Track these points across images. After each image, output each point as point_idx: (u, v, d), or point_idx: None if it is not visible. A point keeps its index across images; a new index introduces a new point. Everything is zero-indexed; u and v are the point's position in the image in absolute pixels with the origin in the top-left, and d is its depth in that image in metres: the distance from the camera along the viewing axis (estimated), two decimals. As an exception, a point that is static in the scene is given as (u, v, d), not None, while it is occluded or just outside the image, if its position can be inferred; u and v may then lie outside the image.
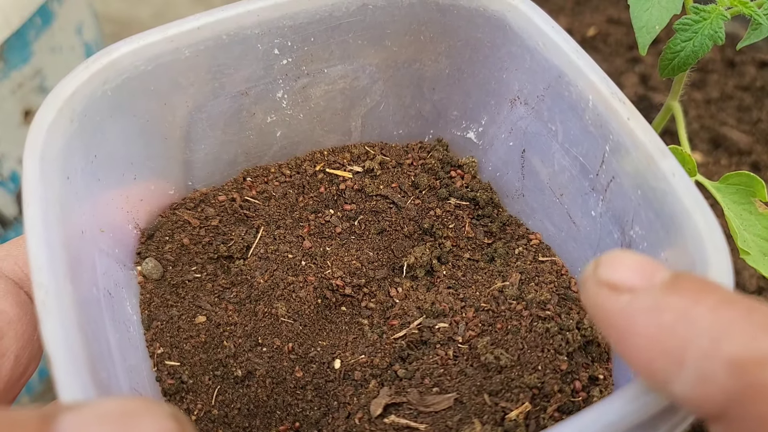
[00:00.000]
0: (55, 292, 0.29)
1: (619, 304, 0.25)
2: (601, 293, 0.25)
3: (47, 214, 0.31)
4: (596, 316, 0.26)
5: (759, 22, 0.43)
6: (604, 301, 0.25)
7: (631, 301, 0.24)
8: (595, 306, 0.25)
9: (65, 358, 0.27)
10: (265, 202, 0.45)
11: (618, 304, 0.25)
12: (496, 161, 0.46)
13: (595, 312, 0.26)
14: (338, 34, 0.43)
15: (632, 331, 0.24)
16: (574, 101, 0.38)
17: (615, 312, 0.25)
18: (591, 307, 0.26)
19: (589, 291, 0.26)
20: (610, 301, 0.25)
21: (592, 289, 0.25)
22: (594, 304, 0.25)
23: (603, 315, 0.25)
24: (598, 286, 0.25)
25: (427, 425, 0.35)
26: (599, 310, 0.25)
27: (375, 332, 0.41)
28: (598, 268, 0.26)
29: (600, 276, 0.25)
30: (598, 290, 0.25)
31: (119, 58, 0.37)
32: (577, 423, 0.26)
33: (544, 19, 0.39)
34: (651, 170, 0.33)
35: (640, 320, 0.24)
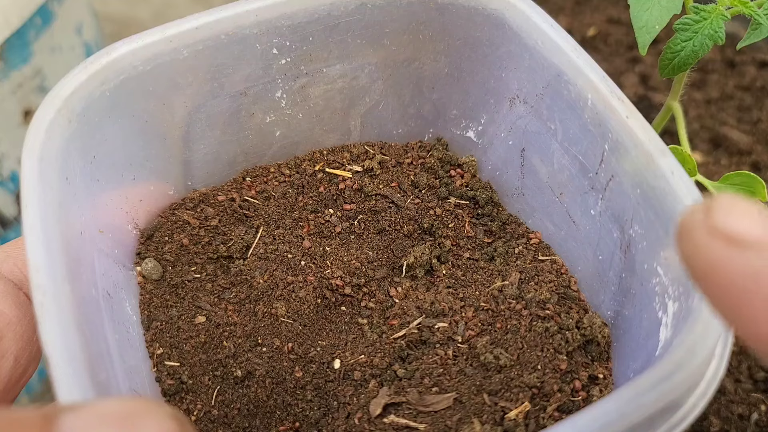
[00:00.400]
0: (53, 294, 0.29)
1: (742, 262, 0.20)
2: (715, 246, 0.21)
3: (46, 215, 0.31)
4: (704, 274, 0.21)
5: (759, 22, 0.43)
6: (719, 257, 0.20)
7: (757, 260, 0.20)
8: (706, 261, 0.21)
9: (64, 360, 0.27)
10: (264, 201, 0.45)
11: (740, 262, 0.20)
12: (496, 160, 0.46)
13: (704, 268, 0.21)
14: (337, 33, 0.43)
15: (759, 298, 0.20)
16: (573, 100, 0.38)
17: (735, 271, 0.20)
18: (698, 261, 0.21)
19: (697, 241, 0.21)
20: (728, 257, 0.20)
21: (703, 239, 0.21)
22: (703, 258, 0.21)
23: (716, 273, 0.21)
24: (712, 236, 0.21)
25: (427, 425, 0.35)
26: (711, 266, 0.21)
27: (375, 332, 0.41)
28: (712, 213, 0.21)
29: (715, 224, 0.21)
30: (712, 242, 0.21)
31: (118, 59, 0.37)
32: (577, 422, 0.26)
33: (542, 17, 0.39)
34: (650, 169, 0.33)
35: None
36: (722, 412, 0.50)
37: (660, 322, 0.33)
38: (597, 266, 0.40)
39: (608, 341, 0.38)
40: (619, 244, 0.37)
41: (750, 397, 0.51)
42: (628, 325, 0.37)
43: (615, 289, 0.38)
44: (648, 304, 0.34)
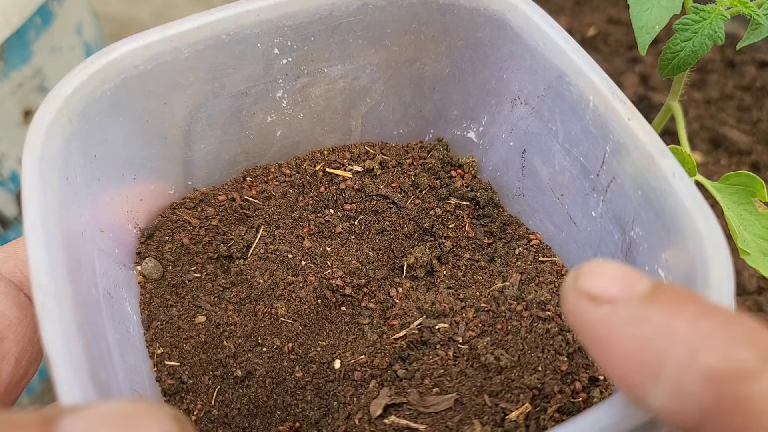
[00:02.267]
0: (54, 294, 0.28)
1: (598, 315, 0.24)
2: (580, 303, 0.25)
3: (46, 214, 0.31)
4: (576, 327, 0.25)
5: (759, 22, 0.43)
6: (583, 312, 0.24)
7: (610, 313, 0.24)
8: (575, 316, 0.25)
9: (65, 360, 0.27)
10: (265, 201, 0.45)
11: (597, 315, 0.24)
12: (497, 161, 0.46)
13: (575, 323, 0.25)
14: (338, 33, 0.43)
15: (611, 343, 0.24)
16: (574, 101, 0.38)
17: (594, 323, 0.24)
18: (571, 317, 0.25)
19: (569, 301, 0.25)
20: (589, 311, 0.24)
21: (572, 299, 0.25)
22: (574, 314, 0.25)
23: (582, 326, 0.25)
24: (578, 296, 0.25)
25: (427, 426, 0.35)
26: (578, 320, 0.25)
27: (375, 332, 0.41)
28: (578, 278, 0.25)
29: (580, 286, 0.25)
30: (578, 300, 0.25)
31: (118, 58, 0.37)
32: (577, 424, 0.26)
33: (544, 18, 0.39)
34: (651, 171, 0.33)
35: (618, 332, 0.23)
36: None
37: (661, 324, 0.33)
38: (598, 267, 0.40)
39: (609, 342, 0.38)
40: (620, 245, 0.37)
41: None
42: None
43: (615, 290, 0.38)
44: (649, 306, 0.34)
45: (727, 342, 0.22)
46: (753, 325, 0.23)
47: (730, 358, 0.22)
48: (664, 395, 0.22)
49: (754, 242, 0.43)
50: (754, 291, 0.65)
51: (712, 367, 0.22)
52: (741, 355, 0.22)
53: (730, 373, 0.21)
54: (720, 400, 0.22)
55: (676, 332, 0.22)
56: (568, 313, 0.25)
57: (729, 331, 0.22)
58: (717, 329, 0.22)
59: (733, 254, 0.30)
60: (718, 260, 0.28)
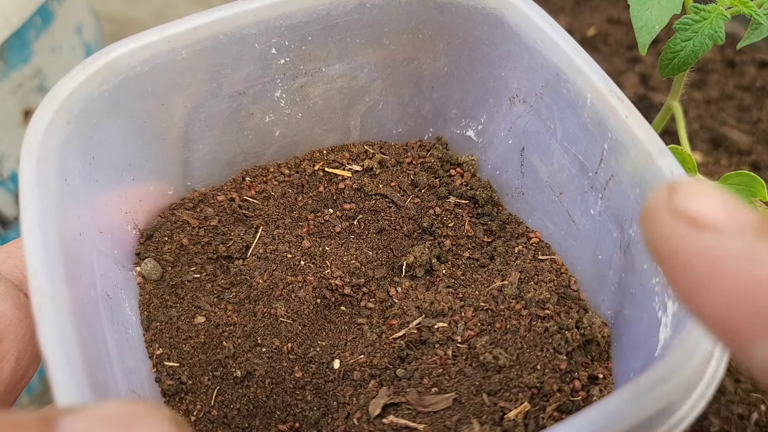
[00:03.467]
0: (51, 296, 0.28)
1: (703, 244, 0.20)
2: (677, 227, 0.21)
3: (44, 216, 0.31)
4: (666, 256, 0.21)
5: (759, 22, 0.43)
6: (681, 238, 0.20)
7: (718, 242, 0.20)
8: (668, 242, 0.21)
9: (62, 362, 0.27)
10: (264, 201, 0.45)
11: (701, 244, 0.20)
12: (496, 159, 0.46)
13: (666, 250, 0.21)
14: (336, 33, 0.43)
15: (717, 280, 0.20)
16: (572, 99, 0.38)
17: (695, 253, 0.20)
18: (661, 242, 0.21)
19: (660, 222, 0.21)
20: (689, 238, 0.20)
21: (665, 221, 0.21)
22: (666, 239, 0.21)
23: (677, 255, 0.21)
24: (674, 218, 0.21)
25: (426, 425, 0.35)
26: (673, 247, 0.21)
27: (374, 332, 0.41)
28: (675, 196, 0.21)
29: (678, 206, 0.21)
30: (674, 223, 0.21)
31: (116, 59, 0.37)
32: (577, 423, 0.26)
33: (542, 16, 0.39)
34: (649, 168, 0.33)
35: (728, 267, 0.20)
36: (722, 412, 0.50)
37: (660, 322, 0.33)
38: (597, 266, 0.40)
39: (608, 341, 0.38)
40: (618, 243, 0.37)
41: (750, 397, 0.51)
42: (628, 324, 0.37)
43: (615, 289, 0.38)
44: (648, 304, 0.34)
45: None
46: None
47: None
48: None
49: (753, 241, 0.43)
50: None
51: None
52: None
53: None
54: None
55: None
56: (655, 237, 0.21)
57: None
58: None
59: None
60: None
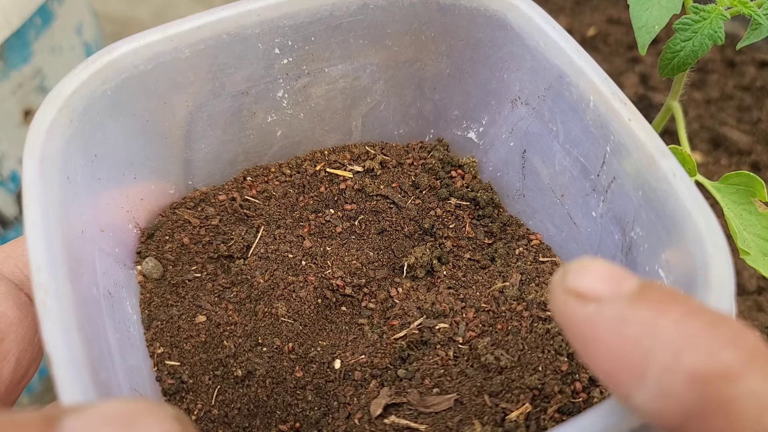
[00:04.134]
0: (54, 293, 0.28)
1: (585, 313, 0.24)
2: (568, 301, 0.24)
3: (47, 214, 0.31)
4: (562, 325, 0.25)
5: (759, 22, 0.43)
6: (570, 310, 0.24)
7: (596, 311, 0.24)
8: (562, 314, 0.25)
9: (65, 359, 0.27)
10: (265, 201, 0.45)
11: (583, 313, 0.24)
12: (497, 161, 0.46)
13: (562, 320, 0.25)
14: (339, 33, 0.43)
15: (596, 342, 0.23)
16: (575, 101, 0.38)
17: (580, 321, 0.24)
18: (558, 314, 0.25)
19: (556, 299, 0.25)
20: (576, 309, 0.24)
21: (560, 296, 0.25)
22: (561, 312, 0.25)
23: (569, 323, 0.25)
24: (566, 293, 0.25)
25: (427, 426, 0.35)
26: (565, 318, 0.25)
27: (375, 332, 0.41)
28: (566, 275, 0.25)
29: (567, 284, 0.25)
30: (566, 298, 0.24)
31: (119, 58, 0.37)
32: (577, 425, 0.26)
33: (544, 19, 0.39)
34: (652, 171, 0.33)
35: (604, 330, 0.23)
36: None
37: (661, 324, 0.33)
38: (598, 267, 0.40)
39: (609, 342, 0.38)
40: (620, 246, 0.37)
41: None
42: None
43: (616, 291, 0.38)
44: (649, 306, 0.34)
45: (711, 343, 0.22)
46: (738, 326, 0.23)
47: (714, 359, 0.22)
48: (649, 396, 0.22)
49: (754, 242, 0.43)
50: (754, 291, 0.65)
51: (696, 368, 0.22)
52: (725, 356, 0.22)
53: (714, 374, 0.21)
54: (703, 402, 0.21)
55: (662, 332, 0.22)
56: (555, 310, 0.25)
57: (714, 332, 0.22)
58: (702, 330, 0.22)
59: (733, 254, 0.30)
60: (718, 260, 0.28)
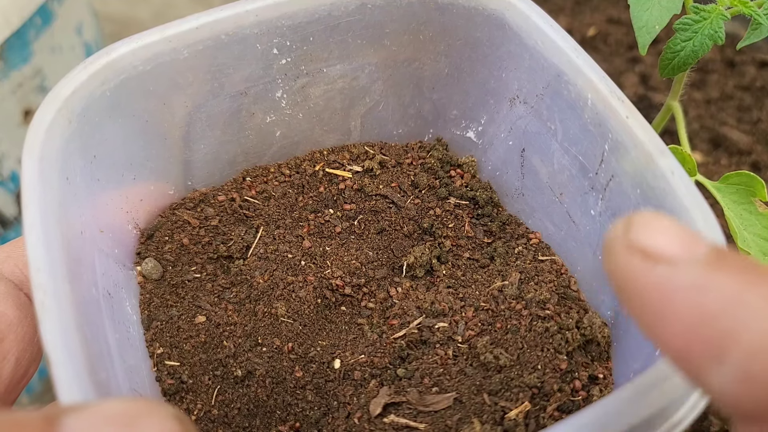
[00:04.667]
0: (54, 293, 0.28)
1: (656, 276, 0.21)
2: (632, 261, 0.21)
3: (46, 214, 0.31)
4: (624, 288, 0.22)
5: (759, 22, 0.43)
6: (636, 271, 0.21)
7: (670, 274, 0.21)
8: (624, 275, 0.22)
9: (64, 359, 0.27)
10: (264, 201, 0.45)
11: (654, 276, 0.21)
12: (496, 160, 0.46)
13: (623, 283, 0.22)
14: (337, 33, 0.43)
15: (669, 311, 0.20)
16: (573, 100, 0.38)
17: (649, 285, 0.21)
18: (618, 275, 0.22)
19: (616, 257, 0.22)
20: (643, 271, 0.21)
21: (621, 254, 0.22)
22: (623, 272, 0.22)
23: (633, 287, 0.21)
24: (629, 251, 0.21)
25: (427, 425, 0.35)
26: (629, 280, 0.21)
27: (375, 332, 0.41)
28: (631, 229, 0.22)
29: (632, 240, 0.22)
30: (629, 257, 0.21)
31: (118, 59, 0.37)
32: (577, 422, 0.26)
33: (542, 18, 0.39)
34: (650, 169, 0.33)
35: (679, 298, 0.20)
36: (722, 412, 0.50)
37: (660, 322, 0.33)
38: (597, 266, 0.40)
39: (608, 341, 0.38)
40: (619, 244, 0.37)
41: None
42: (628, 325, 0.37)
43: (615, 289, 0.38)
44: (648, 304, 0.34)
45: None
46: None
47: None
48: (728, 379, 0.20)
49: (754, 242, 0.43)
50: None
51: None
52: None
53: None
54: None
55: (749, 308, 0.19)
56: (613, 270, 0.22)
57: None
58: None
59: (732, 253, 0.30)
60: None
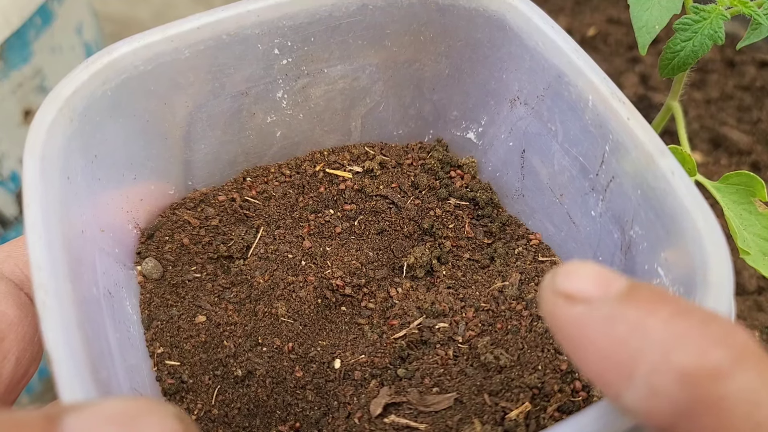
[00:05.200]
0: (55, 292, 0.29)
1: (573, 314, 0.24)
2: (557, 303, 0.24)
3: (47, 213, 0.31)
4: (552, 326, 0.25)
5: (759, 22, 0.43)
6: (559, 311, 0.24)
7: (585, 311, 0.24)
8: (551, 315, 0.25)
9: (66, 358, 0.27)
10: (265, 202, 0.45)
11: (572, 314, 0.24)
12: (496, 161, 0.46)
13: (551, 322, 0.25)
14: (338, 34, 0.43)
15: (585, 342, 0.23)
16: (573, 101, 0.38)
17: (569, 322, 0.24)
18: (547, 316, 0.25)
19: (546, 301, 0.25)
20: (564, 310, 0.24)
21: (549, 298, 0.25)
22: (550, 313, 0.25)
23: (558, 324, 0.25)
24: (555, 295, 0.25)
25: (427, 425, 0.35)
26: (554, 319, 0.25)
27: (375, 332, 0.41)
28: (555, 278, 0.25)
29: (557, 286, 0.25)
30: (555, 300, 0.25)
31: (119, 58, 0.37)
32: (578, 422, 0.26)
33: (543, 19, 0.39)
34: (651, 170, 0.33)
35: (592, 330, 0.23)
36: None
37: (660, 323, 0.33)
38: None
39: (608, 342, 0.38)
40: (619, 245, 0.37)
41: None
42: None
43: (615, 290, 0.38)
44: (648, 305, 0.34)
45: (701, 341, 0.22)
46: (728, 324, 0.23)
47: (704, 357, 0.21)
48: (638, 396, 0.22)
49: (754, 242, 0.43)
50: (754, 291, 0.65)
51: (686, 367, 0.21)
52: (714, 354, 0.21)
53: (704, 373, 0.21)
54: (693, 401, 0.21)
55: (651, 331, 0.22)
56: (545, 312, 0.25)
57: (703, 331, 0.22)
58: (691, 329, 0.22)
59: (733, 254, 0.31)
60: (717, 259, 0.28)
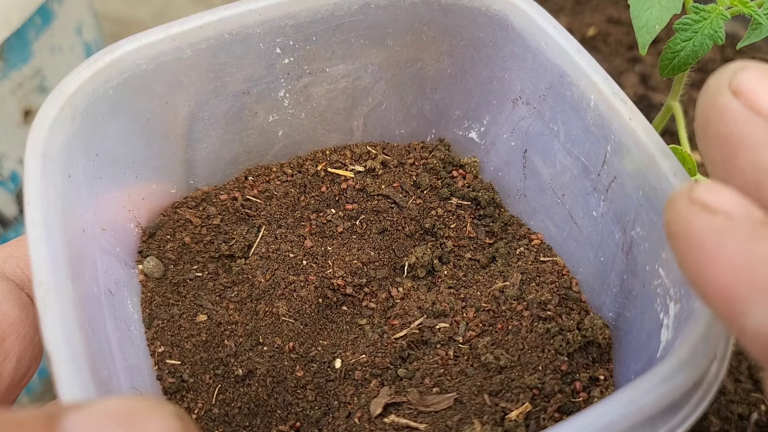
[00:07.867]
0: (55, 290, 0.28)
1: (712, 224, 0.22)
2: (692, 210, 0.23)
3: (48, 212, 0.31)
4: (679, 235, 0.23)
5: (759, 22, 0.43)
6: (693, 219, 0.23)
7: (725, 224, 0.22)
8: (682, 223, 0.23)
9: (66, 357, 0.27)
10: (266, 201, 0.45)
11: (710, 223, 0.22)
12: (498, 161, 0.46)
13: (680, 230, 0.23)
14: (340, 33, 0.43)
15: (719, 254, 0.22)
16: (575, 101, 0.38)
17: (704, 231, 0.23)
18: (677, 224, 0.23)
19: (678, 207, 0.23)
20: (700, 219, 0.23)
21: (683, 205, 0.23)
22: (681, 221, 0.23)
23: (688, 233, 0.23)
24: (691, 203, 0.23)
25: (427, 425, 0.35)
26: (686, 227, 0.23)
27: (376, 332, 0.41)
28: (695, 188, 0.23)
29: (695, 195, 0.23)
30: (690, 207, 0.23)
31: (121, 57, 0.37)
32: (577, 423, 0.26)
33: (546, 18, 0.39)
34: (652, 170, 0.33)
35: (730, 244, 0.22)
36: (722, 412, 0.50)
37: (661, 324, 0.33)
38: (598, 268, 0.40)
39: (609, 343, 0.38)
40: (620, 245, 0.37)
41: (750, 397, 0.51)
42: (629, 326, 0.37)
43: (616, 291, 0.38)
44: (649, 306, 0.35)
45: None
46: None
47: None
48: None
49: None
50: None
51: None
52: None
53: None
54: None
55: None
56: (673, 218, 0.24)
57: None
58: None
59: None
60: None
